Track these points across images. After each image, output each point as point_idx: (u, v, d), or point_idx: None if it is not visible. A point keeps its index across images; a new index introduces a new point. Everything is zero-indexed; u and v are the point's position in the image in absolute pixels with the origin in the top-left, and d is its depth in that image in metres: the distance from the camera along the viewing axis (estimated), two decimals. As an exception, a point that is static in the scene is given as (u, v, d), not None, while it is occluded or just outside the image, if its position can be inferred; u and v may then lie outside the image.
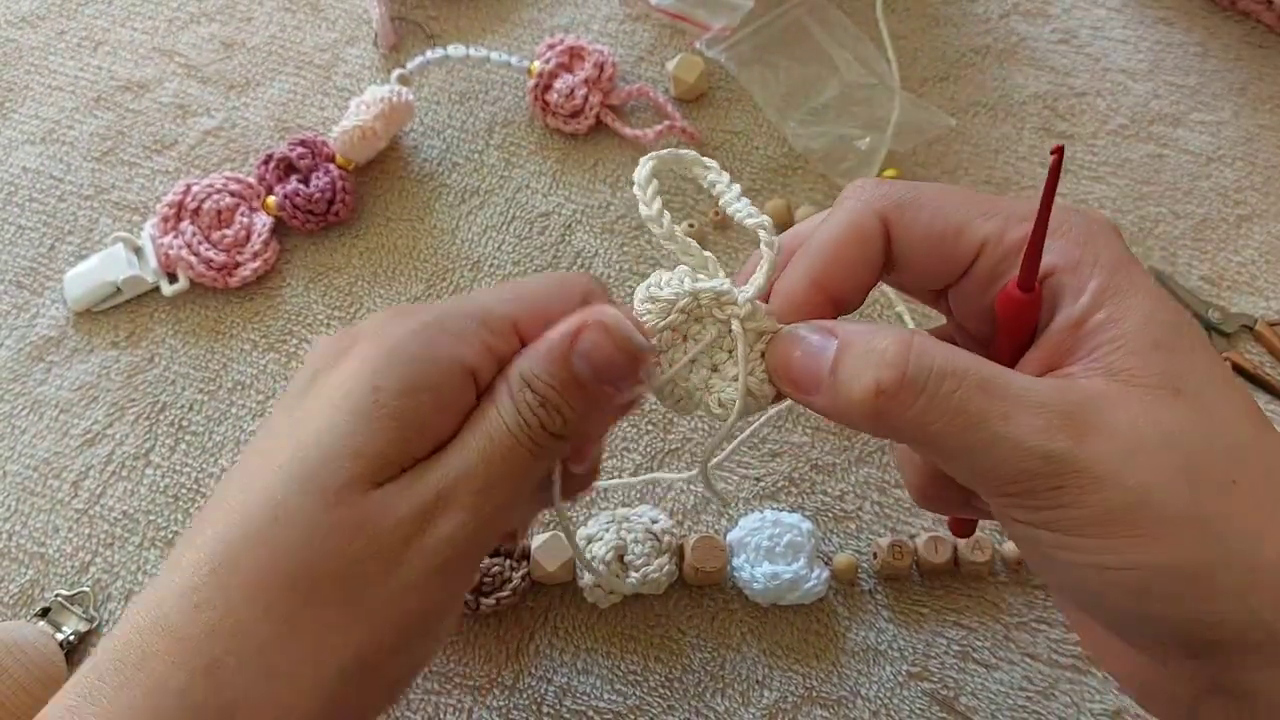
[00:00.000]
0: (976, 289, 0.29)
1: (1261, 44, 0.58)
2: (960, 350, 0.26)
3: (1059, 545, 0.25)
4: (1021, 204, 0.29)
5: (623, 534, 0.42)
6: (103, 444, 0.46)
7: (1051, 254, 0.27)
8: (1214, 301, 0.50)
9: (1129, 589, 0.25)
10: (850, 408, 0.27)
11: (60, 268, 0.51)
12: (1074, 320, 0.27)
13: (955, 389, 0.25)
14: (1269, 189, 0.53)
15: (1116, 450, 0.24)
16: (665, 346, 0.29)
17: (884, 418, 0.26)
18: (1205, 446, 0.25)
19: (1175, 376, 0.25)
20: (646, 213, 0.29)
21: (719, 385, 0.29)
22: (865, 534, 0.44)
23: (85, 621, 0.42)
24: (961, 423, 0.25)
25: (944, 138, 0.54)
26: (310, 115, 0.55)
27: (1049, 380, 0.26)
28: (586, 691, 0.41)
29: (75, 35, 0.58)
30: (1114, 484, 0.24)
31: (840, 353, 0.27)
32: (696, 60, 0.55)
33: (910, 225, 0.29)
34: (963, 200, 0.29)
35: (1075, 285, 0.27)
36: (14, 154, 0.54)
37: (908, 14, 0.58)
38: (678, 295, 0.29)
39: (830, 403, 0.27)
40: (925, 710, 0.41)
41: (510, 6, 0.59)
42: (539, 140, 0.55)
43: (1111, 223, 0.29)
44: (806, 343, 0.28)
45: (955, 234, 0.29)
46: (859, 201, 0.29)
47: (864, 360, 0.26)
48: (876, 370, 0.26)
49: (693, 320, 0.29)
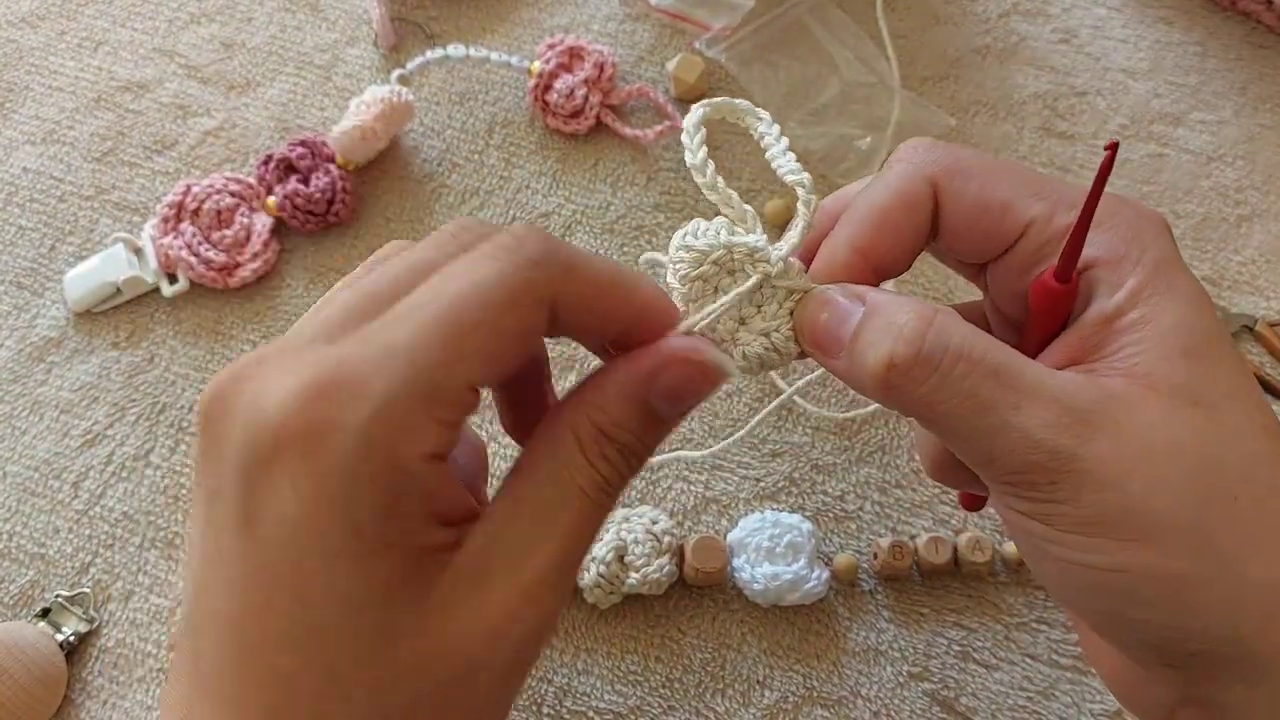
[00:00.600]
0: (1016, 269, 0.29)
1: (1261, 44, 0.57)
2: (981, 333, 0.26)
3: (1050, 539, 0.25)
4: (1074, 189, 0.28)
5: (623, 534, 0.42)
6: (103, 445, 0.46)
7: (1094, 246, 0.27)
8: (1214, 301, 0.50)
9: (1115, 590, 0.25)
10: (864, 377, 0.26)
11: (60, 268, 0.51)
12: (1106, 315, 0.26)
13: (969, 372, 0.25)
14: (1269, 189, 0.53)
15: (1122, 454, 0.24)
16: (696, 296, 0.29)
17: (895, 391, 0.26)
18: (1213, 459, 0.24)
19: (1196, 386, 0.25)
20: (692, 160, 0.29)
21: (745, 338, 0.29)
22: (865, 534, 0.44)
23: (85, 622, 0.42)
24: (971, 406, 0.25)
25: (944, 137, 0.54)
26: (310, 115, 0.55)
27: (1068, 374, 0.26)
28: (586, 692, 0.41)
29: (76, 36, 0.58)
30: (1114, 487, 0.24)
31: (864, 320, 0.27)
32: (696, 60, 0.55)
33: (959, 195, 0.28)
34: (1015, 176, 0.28)
35: (1113, 280, 0.26)
36: (14, 154, 0.54)
37: (908, 13, 0.58)
38: (711, 247, 0.28)
39: (847, 369, 0.27)
40: (925, 710, 0.41)
41: (510, 6, 0.59)
42: (539, 140, 0.55)
43: (1163, 219, 0.28)
44: (834, 305, 0.27)
45: (1002, 210, 0.28)
46: (910, 165, 0.29)
47: (883, 331, 0.26)
48: (893, 343, 0.26)
49: (725, 273, 0.29)
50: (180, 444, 0.47)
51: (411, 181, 0.53)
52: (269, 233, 0.50)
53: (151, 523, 0.45)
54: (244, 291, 0.50)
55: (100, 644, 0.43)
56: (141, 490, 0.46)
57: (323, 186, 0.50)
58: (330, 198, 0.51)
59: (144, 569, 0.44)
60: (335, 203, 0.51)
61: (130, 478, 0.46)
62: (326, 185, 0.51)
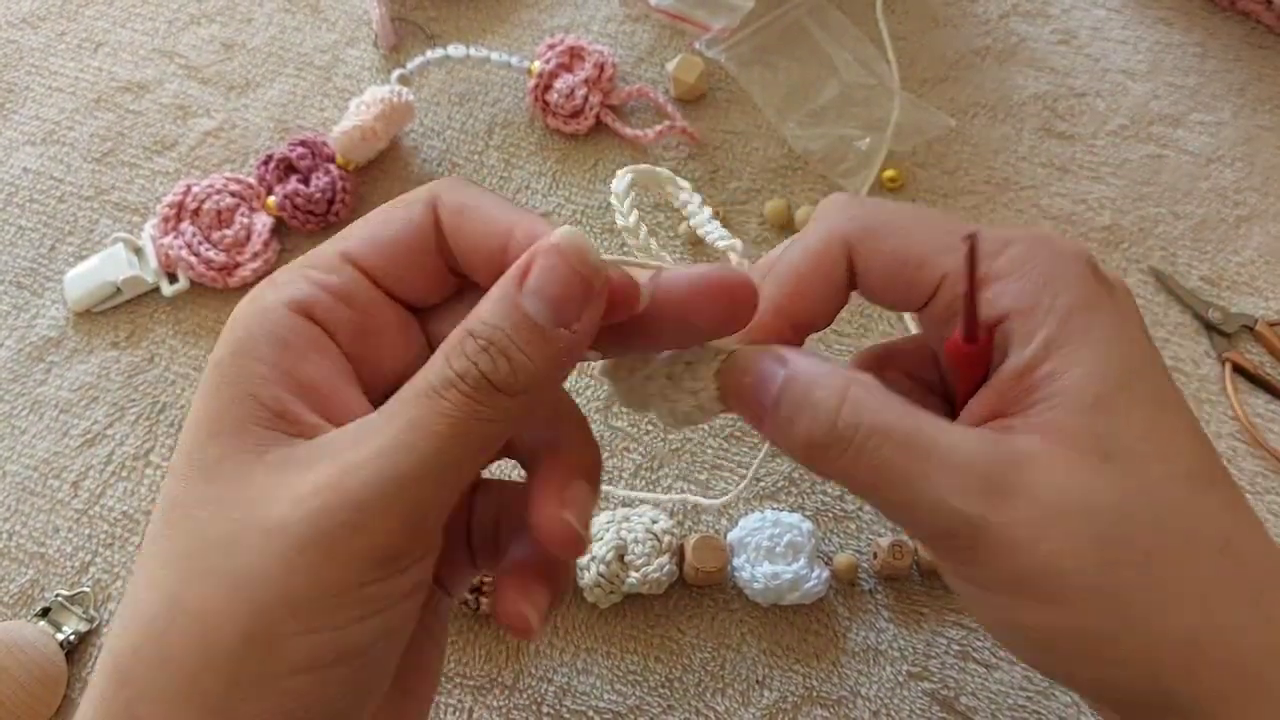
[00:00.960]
0: (939, 319, 0.29)
1: (1261, 44, 0.58)
2: (894, 400, 0.26)
3: (976, 598, 0.27)
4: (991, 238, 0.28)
5: (623, 534, 0.42)
6: (103, 444, 0.46)
7: (1007, 297, 0.27)
8: (1214, 301, 0.50)
9: (1038, 644, 0.26)
10: (785, 448, 0.27)
11: (60, 268, 0.51)
12: (1019, 370, 0.26)
13: (881, 444, 0.25)
14: (1269, 189, 0.53)
15: (1032, 517, 0.24)
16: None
17: (815, 465, 0.27)
18: (1125, 516, 0.24)
19: (1108, 438, 0.25)
20: (623, 223, 0.30)
21: (674, 395, 0.29)
22: (865, 534, 0.44)
23: (85, 621, 0.42)
24: (885, 479, 0.25)
25: (944, 138, 0.54)
26: (310, 116, 0.55)
27: (979, 436, 0.26)
28: (586, 691, 0.41)
29: (76, 36, 0.58)
30: (1026, 550, 0.24)
31: (782, 390, 0.27)
32: (696, 61, 0.55)
33: (873, 254, 0.29)
34: (931, 229, 0.29)
35: (1026, 332, 0.26)
36: (14, 155, 0.54)
37: (908, 15, 0.58)
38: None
39: (771, 436, 0.28)
40: (925, 710, 0.41)
41: (510, 7, 0.59)
42: (539, 140, 0.55)
43: (1084, 253, 0.27)
44: (757, 370, 0.27)
45: (917, 264, 0.28)
46: (825, 226, 0.29)
47: (798, 407, 0.26)
48: (810, 421, 0.26)
49: None
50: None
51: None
52: (269, 232, 0.50)
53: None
54: (244, 291, 0.50)
55: (100, 643, 0.43)
56: (141, 490, 0.46)
57: (323, 186, 0.50)
58: (330, 198, 0.51)
59: (144, 568, 0.44)
60: (335, 203, 0.51)
61: (130, 477, 0.46)
62: (326, 185, 0.51)
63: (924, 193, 0.53)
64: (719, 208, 0.52)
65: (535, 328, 0.24)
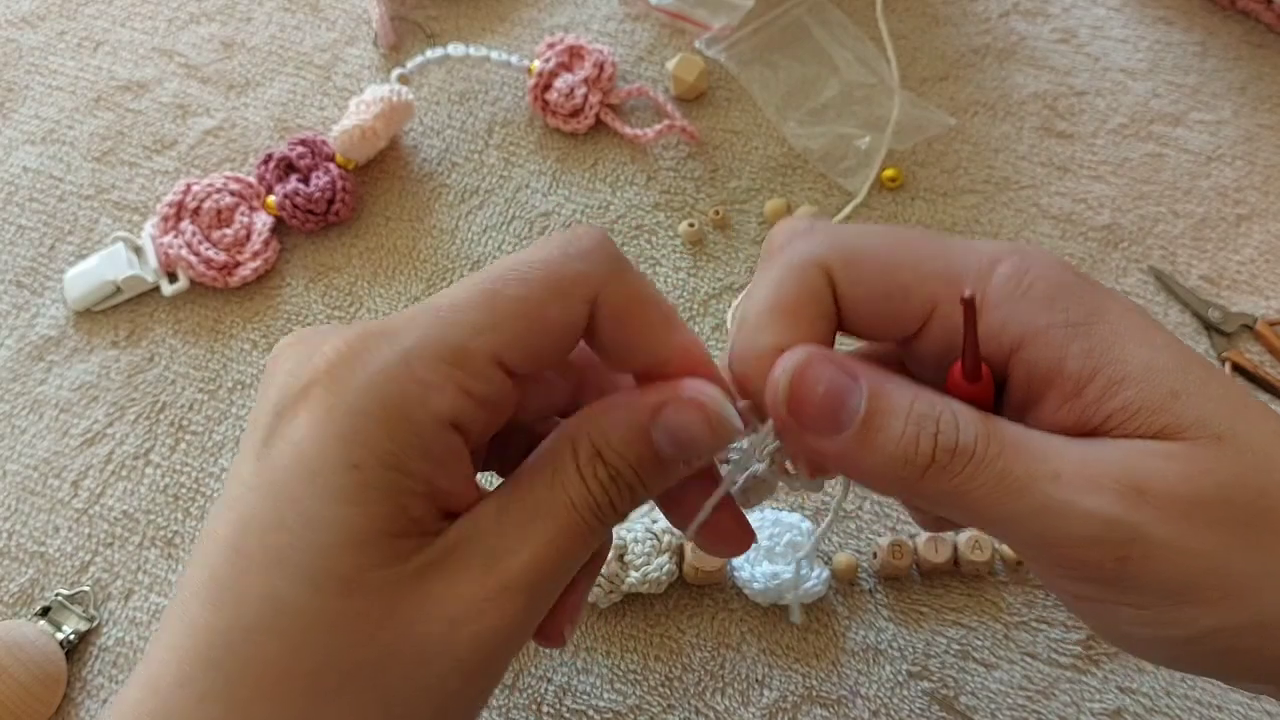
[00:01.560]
0: (932, 349, 0.27)
1: (1261, 44, 0.58)
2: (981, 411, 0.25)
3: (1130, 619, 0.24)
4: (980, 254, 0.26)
5: (623, 533, 0.42)
6: (103, 444, 0.47)
7: (1015, 325, 0.25)
8: (1214, 301, 0.50)
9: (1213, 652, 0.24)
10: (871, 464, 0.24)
11: (60, 267, 0.51)
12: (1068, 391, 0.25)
13: (999, 453, 0.23)
14: (1269, 188, 0.53)
15: (1175, 511, 0.23)
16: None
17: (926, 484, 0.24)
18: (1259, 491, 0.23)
19: (1208, 420, 0.24)
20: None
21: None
22: (865, 534, 0.44)
23: (85, 621, 0.42)
24: (1007, 487, 0.23)
25: (944, 137, 0.54)
26: (310, 115, 0.55)
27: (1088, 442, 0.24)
28: (586, 691, 0.41)
29: (75, 35, 0.58)
30: (1179, 549, 0.23)
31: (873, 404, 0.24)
32: (696, 60, 0.55)
33: (854, 285, 0.26)
34: (914, 252, 0.26)
35: (1052, 358, 0.25)
36: (14, 154, 0.54)
37: (908, 14, 0.58)
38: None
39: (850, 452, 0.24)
40: (925, 710, 0.41)
41: (510, 6, 0.59)
42: (539, 140, 0.55)
43: (1065, 262, 0.26)
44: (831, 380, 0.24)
45: (904, 294, 0.26)
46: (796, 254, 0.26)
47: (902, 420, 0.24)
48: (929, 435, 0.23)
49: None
50: (180, 443, 0.47)
51: (411, 181, 0.53)
52: (269, 232, 0.50)
53: (151, 521, 0.45)
54: (244, 290, 0.50)
55: (100, 642, 0.43)
56: (141, 489, 0.46)
57: (323, 186, 0.50)
58: (330, 197, 0.51)
59: (144, 568, 0.44)
60: (335, 202, 0.51)
61: (130, 476, 0.46)
62: (326, 184, 0.51)
63: (923, 192, 0.53)
64: (719, 207, 0.52)
65: (659, 462, 0.25)
